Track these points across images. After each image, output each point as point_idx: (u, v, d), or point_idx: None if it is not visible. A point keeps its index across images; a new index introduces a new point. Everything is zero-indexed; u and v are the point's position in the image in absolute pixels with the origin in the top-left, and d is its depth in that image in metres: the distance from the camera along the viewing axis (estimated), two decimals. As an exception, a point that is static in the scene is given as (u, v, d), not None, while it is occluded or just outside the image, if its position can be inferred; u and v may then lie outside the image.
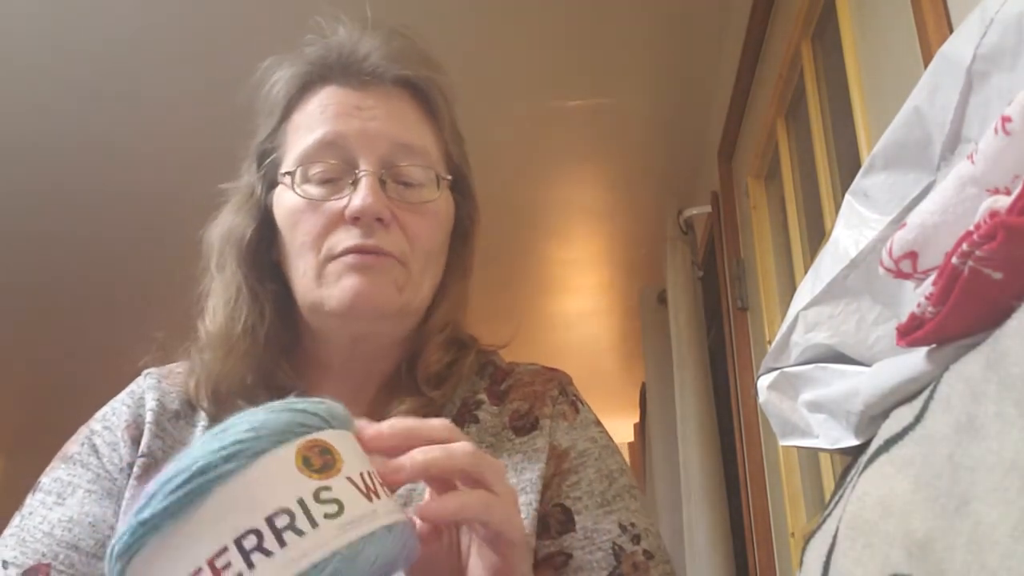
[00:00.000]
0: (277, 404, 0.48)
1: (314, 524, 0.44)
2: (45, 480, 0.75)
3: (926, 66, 0.52)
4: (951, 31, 0.98)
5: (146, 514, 0.43)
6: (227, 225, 0.80)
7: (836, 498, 0.55)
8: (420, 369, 0.78)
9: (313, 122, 0.75)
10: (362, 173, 0.73)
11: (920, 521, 0.40)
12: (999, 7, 0.45)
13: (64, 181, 2.86)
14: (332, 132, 0.74)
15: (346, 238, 0.72)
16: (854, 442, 0.56)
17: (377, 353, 0.79)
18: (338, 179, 0.74)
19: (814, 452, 1.73)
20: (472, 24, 2.31)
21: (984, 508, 0.35)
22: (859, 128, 1.35)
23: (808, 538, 0.56)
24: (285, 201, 0.76)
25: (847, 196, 0.61)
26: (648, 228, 3.27)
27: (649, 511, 0.79)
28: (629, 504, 0.77)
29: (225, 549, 0.42)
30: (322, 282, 0.73)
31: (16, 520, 0.72)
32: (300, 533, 0.43)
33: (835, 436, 0.59)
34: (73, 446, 0.77)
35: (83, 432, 0.78)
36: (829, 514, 0.54)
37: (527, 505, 0.73)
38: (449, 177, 0.79)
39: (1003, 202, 0.39)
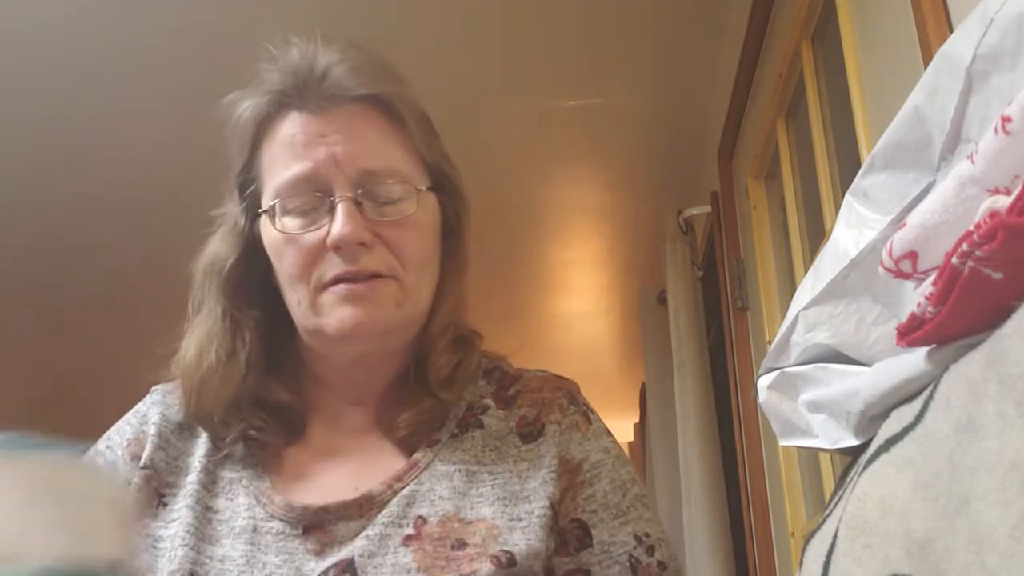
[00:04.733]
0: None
1: None
2: None
3: (926, 66, 0.52)
4: (951, 31, 0.98)
5: None
6: (211, 255, 0.81)
7: (836, 498, 0.55)
8: (431, 373, 0.79)
9: (284, 155, 0.75)
10: (338, 200, 0.73)
11: (920, 521, 0.40)
12: (999, 7, 0.45)
13: (66, 183, 2.86)
14: (302, 165, 0.74)
15: (332, 267, 0.74)
16: (854, 442, 0.56)
17: (379, 364, 0.80)
18: (315, 208, 0.74)
19: (814, 452, 1.73)
20: (472, 24, 2.31)
21: (984, 508, 0.35)
22: (859, 128, 1.35)
23: (808, 538, 0.56)
24: (269, 235, 0.77)
25: (847, 196, 0.61)
26: (648, 228, 3.27)
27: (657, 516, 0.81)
28: (643, 513, 0.79)
29: None
30: (318, 311, 0.75)
31: None
32: None
33: (835, 436, 0.59)
34: None
35: (88, 454, 0.80)
36: (829, 514, 0.54)
37: (529, 514, 0.74)
38: (423, 187, 0.78)
39: (1003, 202, 0.39)
